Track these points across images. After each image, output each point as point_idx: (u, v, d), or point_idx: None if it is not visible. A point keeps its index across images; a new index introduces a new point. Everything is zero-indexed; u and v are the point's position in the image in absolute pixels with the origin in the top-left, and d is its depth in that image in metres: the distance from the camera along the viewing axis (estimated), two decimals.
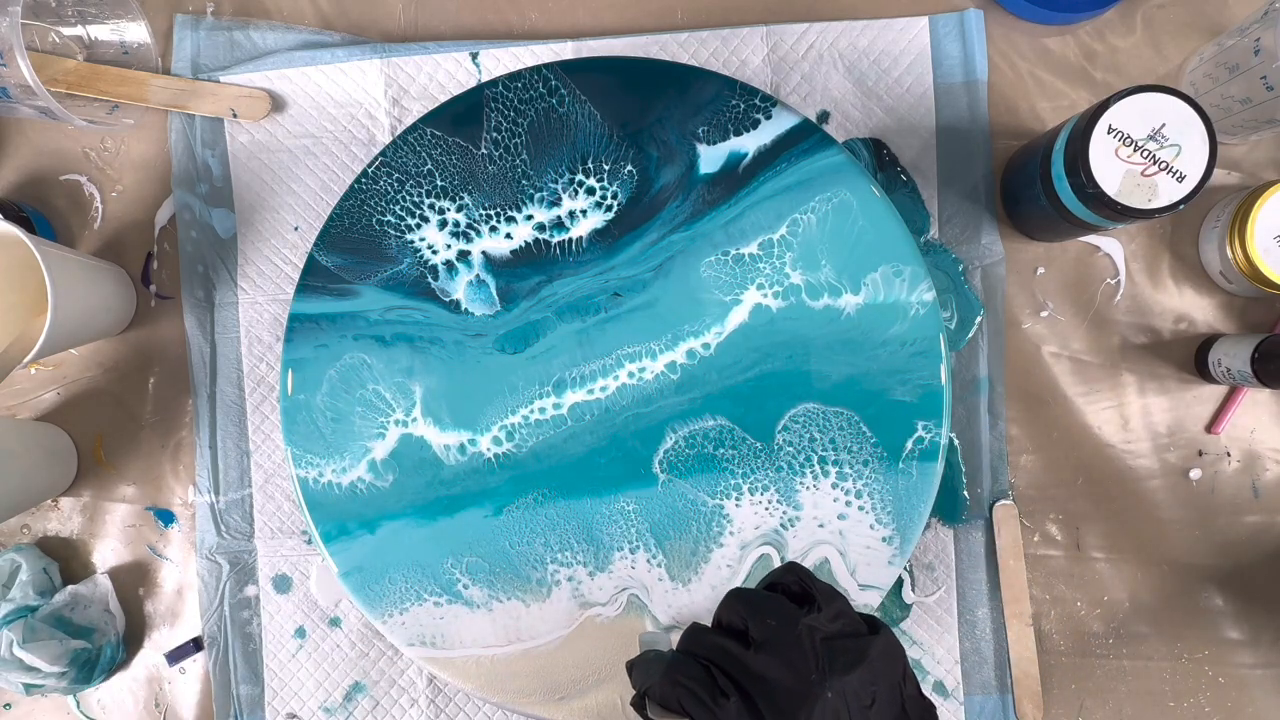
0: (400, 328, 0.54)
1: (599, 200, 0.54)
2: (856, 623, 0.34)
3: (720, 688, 0.32)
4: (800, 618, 0.33)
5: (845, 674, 0.31)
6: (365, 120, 0.60)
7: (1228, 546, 0.57)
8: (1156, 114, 0.46)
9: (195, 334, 0.60)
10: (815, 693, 0.31)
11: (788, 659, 0.32)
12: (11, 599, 0.57)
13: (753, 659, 0.32)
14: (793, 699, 0.31)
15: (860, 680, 0.32)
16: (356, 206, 0.55)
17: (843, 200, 0.53)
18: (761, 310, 0.53)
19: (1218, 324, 0.57)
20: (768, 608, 0.34)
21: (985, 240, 0.57)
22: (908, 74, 0.58)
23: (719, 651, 0.33)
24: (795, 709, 0.31)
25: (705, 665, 0.33)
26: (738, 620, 0.34)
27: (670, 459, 0.53)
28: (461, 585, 0.54)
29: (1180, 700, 0.56)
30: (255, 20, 0.60)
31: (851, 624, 0.34)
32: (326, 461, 0.54)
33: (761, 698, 0.31)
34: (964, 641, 0.57)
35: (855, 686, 0.31)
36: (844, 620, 0.34)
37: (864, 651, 0.32)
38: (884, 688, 0.32)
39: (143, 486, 0.61)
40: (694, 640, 0.34)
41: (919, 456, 0.52)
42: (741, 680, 0.32)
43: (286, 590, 0.59)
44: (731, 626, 0.34)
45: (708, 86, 0.53)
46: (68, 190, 0.61)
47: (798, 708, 0.31)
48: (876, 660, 0.32)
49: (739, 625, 0.34)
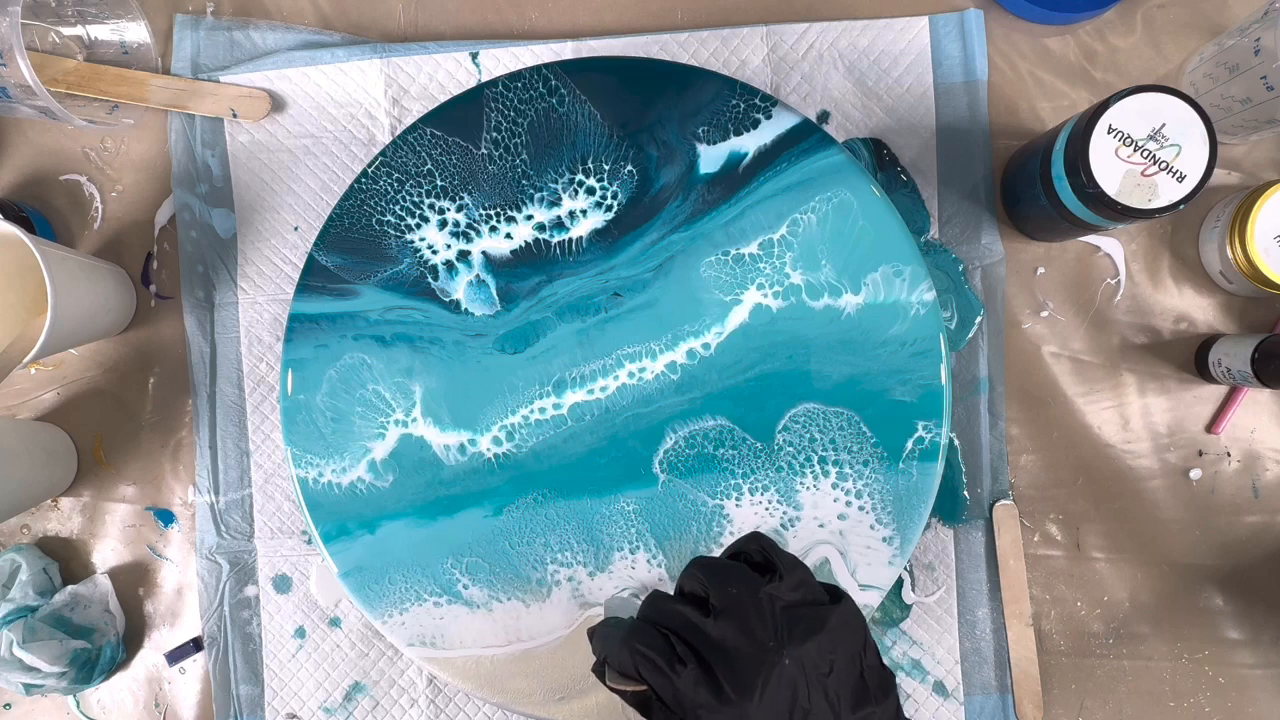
0: (400, 328, 0.54)
1: (599, 200, 0.54)
2: (818, 592, 0.34)
3: (679, 655, 0.32)
4: (761, 586, 0.33)
5: (803, 642, 0.32)
6: (365, 120, 0.60)
7: (1228, 546, 0.57)
8: (1156, 114, 0.46)
9: (195, 334, 0.60)
10: (772, 660, 0.31)
11: (746, 626, 0.32)
12: (11, 599, 0.57)
13: (712, 626, 0.32)
14: (750, 666, 0.31)
15: (819, 648, 0.32)
16: (356, 206, 0.55)
17: (843, 200, 0.53)
18: (762, 310, 0.53)
19: (1218, 324, 0.57)
20: (729, 576, 0.34)
21: (985, 240, 0.57)
22: (908, 74, 0.58)
23: (678, 619, 0.33)
24: (752, 676, 0.31)
25: (664, 633, 0.33)
26: (699, 588, 0.34)
27: (670, 459, 0.53)
28: (461, 585, 0.54)
29: (1180, 700, 0.56)
30: (255, 20, 0.60)
31: (813, 593, 0.34)
32: (326, 461, 0.54)
33: (719, 665, 0.31)
34: (964, 641, 0.57)
35: (813, 654, 0.32)
36: (805, 589, 0.34)
37: (824, 620, 0.33)
38: (843, 656, 0.32)
39: (143, 486, 0.61)
40: (654, 608, 0.34)
41: (919, 456, 0.52)
42: (700, 648, 0.32)
43: (286, 590, 0.59)
44: (693, 594, 0.34)
45: (708, 86, 0.53)
46: (68, 190, 0.61)
47: (754, 675, 0.31)
48: (836, 629, 0.33)
49: (700, 593, 0.34)
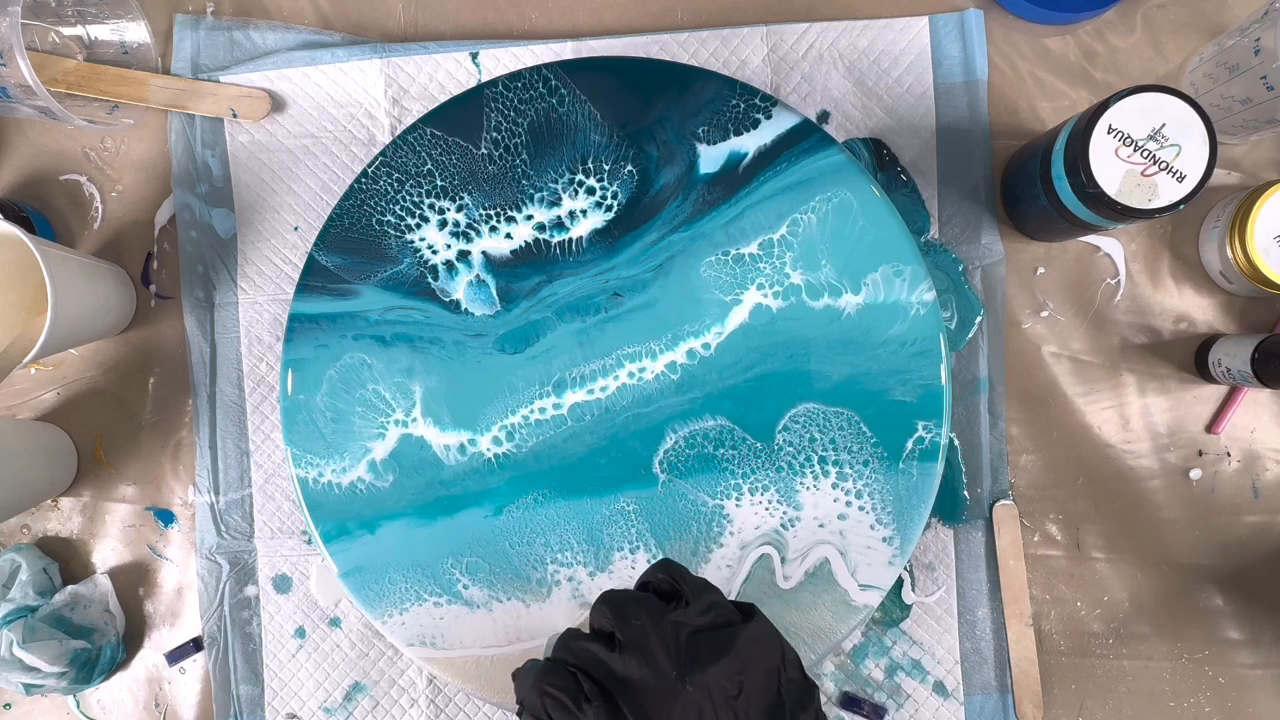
0: (400, 328, 0.54)
1: (599, 200, 0.54)
2: (729, 613, 0.34)
3: (585, 693, 0.32)
4: (667, 614, 0.33)
5: (708, 666, 0.32)
6: (365, 120, 0.60)
7: (1228, 546, 0.57)
8: (1156, 114, 0.46)
9: (195, 334, 0.60)
10: (675, 689, 0.31)
11: (650, 658, 0.32)
12: (11, 599, 0.57)
13: (617, 661, 0.32)
14: (653, 699, 0.31)
15: (724, 670, 0.32)
16: (356, 206, 0.55)
17: (843, 200, 0.53)
18: (762, 310, 0.53)
19: (1218, 324, 0.57)
20: (634, 608, 0.34)
21: (985, 240, 0.57)
22: (908, 74, 0.58)
23: (586, 656, 0.33)
24: (656, 709, 0.31)
25: (573, 671, 0.33)
26: (606, 623, 0.34)
27: (670, 459, 0.53)
28: (461, 585, 0.54)
29: (1180, 700, 0.56)
30: (255, 20, 0.60)
31: (724, 614, 0.34)
32: (326, 461, 0.54)
33: (625, 700, 0.31)
34: (964, 641, 0.57)
35: (719, 678, 0.31)
36: (715, 611, 0.34)
37: (730, 641, 0.32)
38: (757, 674, 0.32)
39: (143, 486, 0.61)
40: (564, 647, 0.34)
41: (919, 456, 0.52)
42: (607, 684, 0.32)
43: (286, 590, 0.59)
44: (603, 630, 0.34)
45: (708, 86, 0.53)
46: (68, 190, 0.61)
47: (658, 707, 0.31)
48: (745, 648, 0.32)
49: (608, 628, 0.34)
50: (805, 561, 0.53)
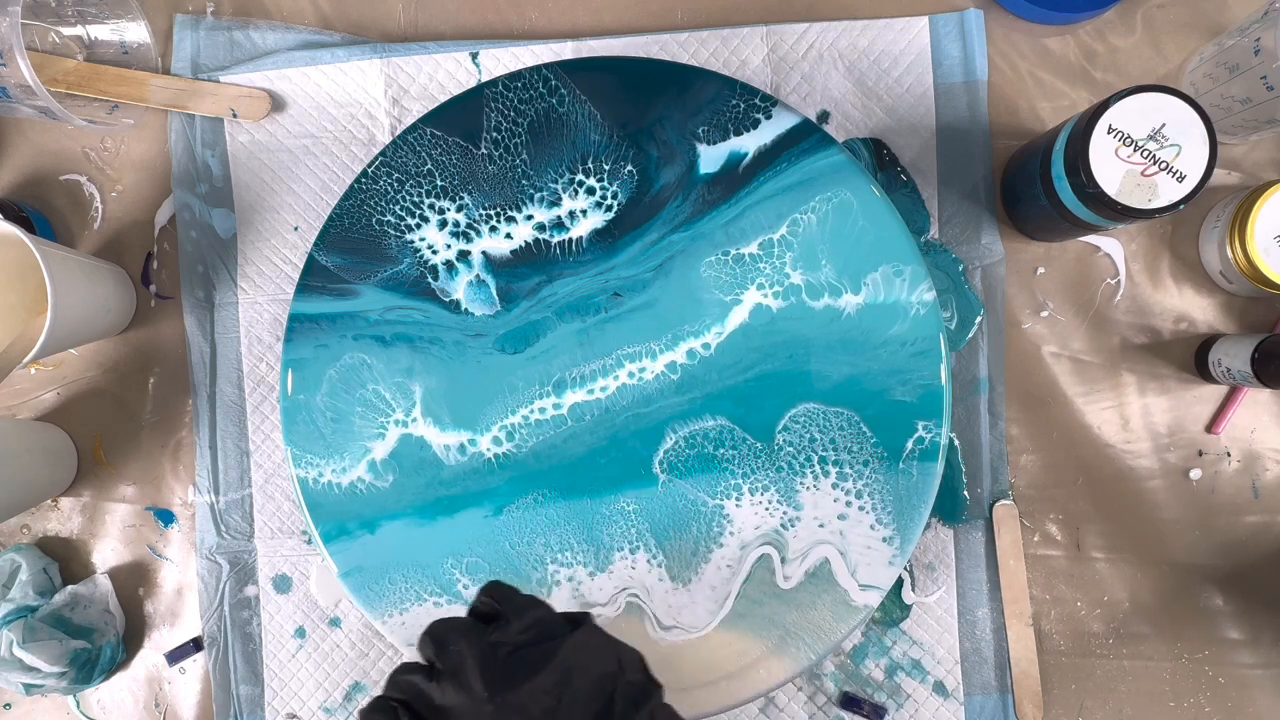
0: (400, 328, 0.54)
1: (599, 200, 0.54)
2: (554, 625, 0.34)
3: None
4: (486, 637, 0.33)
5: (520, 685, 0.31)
6: (365, 120, 0.60)
7: (1228, 546, 0.57)
8: (1156, 114, 0.46)
9: (195, 334, 0.60)
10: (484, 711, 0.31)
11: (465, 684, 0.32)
12: (11, 599, 0.57)
13: (435, 691, 0.32)
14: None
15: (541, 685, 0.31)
16: (356, 206, 0.55)
17: (843, 200, 0.53)
18: (762, 310, 0.53)
19: (1218, 324, 0.57)
20: (451, 635, 0.33)
21: (985, 240, 0.57)
22: (908, 74, 0.58)
23: (409, 689, 0.33)
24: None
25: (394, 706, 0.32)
26: (429, 653, 0.34)
27: (670, 459, 0.53)
28: (461, 585, 0.54)
29: (1180, 700, 0.56)
30: (255, 20, 0.60)
31: (549, 629, 0.33)
32: (326, 461, 0.54)
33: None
34: (964, 641, 0.57)
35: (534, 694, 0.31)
36: (539, 627, 0.33)
37: (550, 655, 0.32)
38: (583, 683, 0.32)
39: (143, 486, 0.61)
40: (390, 682, 0.34)
41: (919, 456, 0.52)
42: (427, 715, 0.32)
43: (286, 590, 0.59)
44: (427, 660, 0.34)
45: (708, 86, 0.53)
46: (68, 190, 0.61)
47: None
48: (569, 658, 0.32)
49: (430, 658, 0.33)
50: (805, 561, 0.53)
